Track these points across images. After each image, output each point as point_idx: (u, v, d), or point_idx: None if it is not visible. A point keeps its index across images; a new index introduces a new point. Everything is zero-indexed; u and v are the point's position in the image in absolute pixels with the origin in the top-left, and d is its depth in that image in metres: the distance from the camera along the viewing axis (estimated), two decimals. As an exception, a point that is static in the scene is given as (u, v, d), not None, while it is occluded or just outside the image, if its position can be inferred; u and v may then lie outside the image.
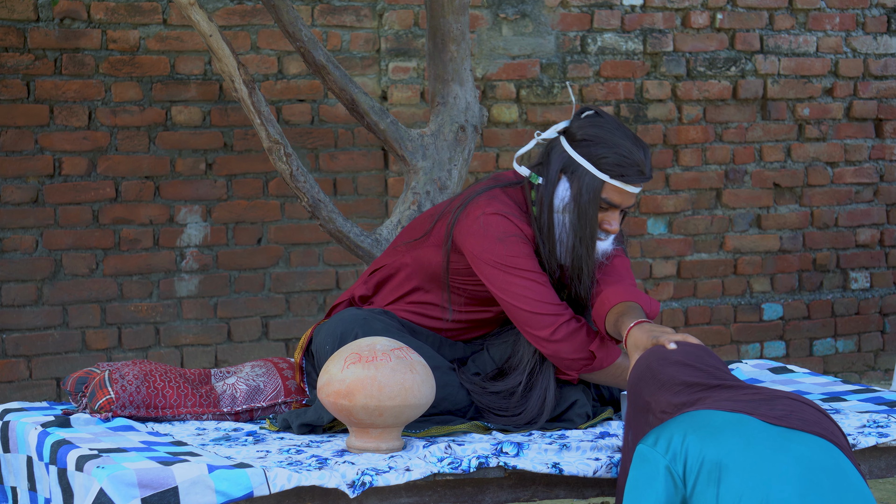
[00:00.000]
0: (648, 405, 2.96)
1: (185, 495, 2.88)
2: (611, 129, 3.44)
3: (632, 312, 3.36)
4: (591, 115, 3.49)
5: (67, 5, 5.67)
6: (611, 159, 3.41)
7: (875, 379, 6.94)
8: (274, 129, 4.52)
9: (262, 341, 6.00)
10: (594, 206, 3.43)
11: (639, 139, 3.47)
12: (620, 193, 3.43)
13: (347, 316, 3.52)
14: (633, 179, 3.42)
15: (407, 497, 3.10)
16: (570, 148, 3.46)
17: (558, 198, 3.46)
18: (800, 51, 6.83)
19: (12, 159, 5.63)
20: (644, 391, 2.99)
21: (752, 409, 2.82)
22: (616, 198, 3.43)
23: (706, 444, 2.74)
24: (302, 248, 6.05)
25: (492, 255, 3.46)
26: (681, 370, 2.97)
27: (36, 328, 5.70)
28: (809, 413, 2.85)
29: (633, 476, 2.81)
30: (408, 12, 6.16)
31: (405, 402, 3.17)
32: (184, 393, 3.56)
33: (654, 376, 2.98)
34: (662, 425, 2.84)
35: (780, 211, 6.85)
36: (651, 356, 3.05)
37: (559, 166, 3.47)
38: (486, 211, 3.47)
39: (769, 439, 2.76)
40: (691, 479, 2.73)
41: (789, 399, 2.88)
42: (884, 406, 3.66)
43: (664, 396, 2.94)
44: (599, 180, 3.42)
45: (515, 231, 3.46)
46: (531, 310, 3.43)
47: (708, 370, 2.98)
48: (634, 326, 3.25)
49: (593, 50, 6.48)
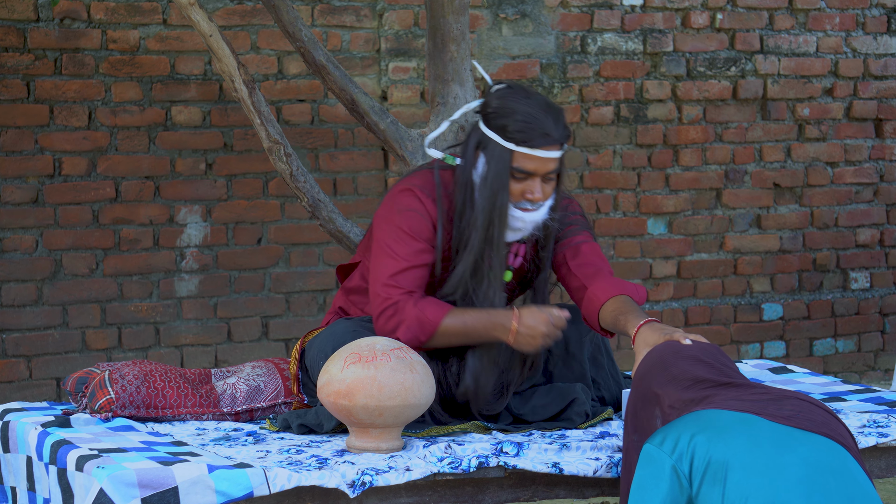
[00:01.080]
0: (657, 397, 2.96)
1: (185, 495, 2.88)
2: (517, 98, 3.44)
3: (630, 309, 3.36)
4: (502, 88, 3.50)
5: (67, 5, 5.66)
6: (515, 127, 3.41)
7: (875, 379, 6.94)
8: (274, 129, 4.52)
9: (262, 341, 6.00)
10: (504, 176, 3.42)
11: (550, 104, 3.45)
12: (531, 160, 3.42)
13: (338, 329, 3.52)
14: (539, 143, 3.40)
15: (407, 497, 3.10)
16: (483, 125, 3.48)
17: (477, 175, 3.48)
18: (800, 51, 6.83)
19: (12, 159, 5.63)
20: (654, 382, 2.99)
21: (760, 409, 2.82)
22: (528, 165, 3.42)
23: (713, 444, 2.74)
24: (302, 248, 6.05)
25: (380, 227, 3.50)
26: (694, 365, 2.97)
27: (36, 328, 5.70)
28: (818, 414, 2.85)
29: (640, 475, 2.81)
30: (408, 12, 6.16)
31: (405, 401, 3.17)
32: (184, 393, 3.56)
33: (666, 369, 2.98)
34: (669, 424, 2.84)
35: (780, 211, 6.85)
36: (665, 349, 3.05)
37: (475, 144, 3.48)
38: (398, 188, 3.53)
39: (776, 440, 2.75)
40: (697, 478, 2.74)
41: (798, 399, 2.88)
42: (884, 406, 3.66)
43: (674, 390, 2.94)
44: (508, 150, 3.42)
45: (417, 207, 3.48)
46: (372, 289, 3.46)
47: (720, 367, 2.98)
48: (644, 325, 3.25)
49: (593, 50, 6.48)
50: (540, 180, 3.44)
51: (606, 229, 6.52)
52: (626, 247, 6.58)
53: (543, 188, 3.45)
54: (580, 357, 3.66)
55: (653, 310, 6.61)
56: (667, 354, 3.02)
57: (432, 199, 3.50)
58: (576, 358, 3.66)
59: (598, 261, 3.57)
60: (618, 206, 6.55)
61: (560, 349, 3.65)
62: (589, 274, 3.52)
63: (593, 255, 3.58)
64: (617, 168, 6.54)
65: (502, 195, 3.42)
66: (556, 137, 3.42)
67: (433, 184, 3.52)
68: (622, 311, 3.36)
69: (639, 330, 3.25)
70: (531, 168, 3.42)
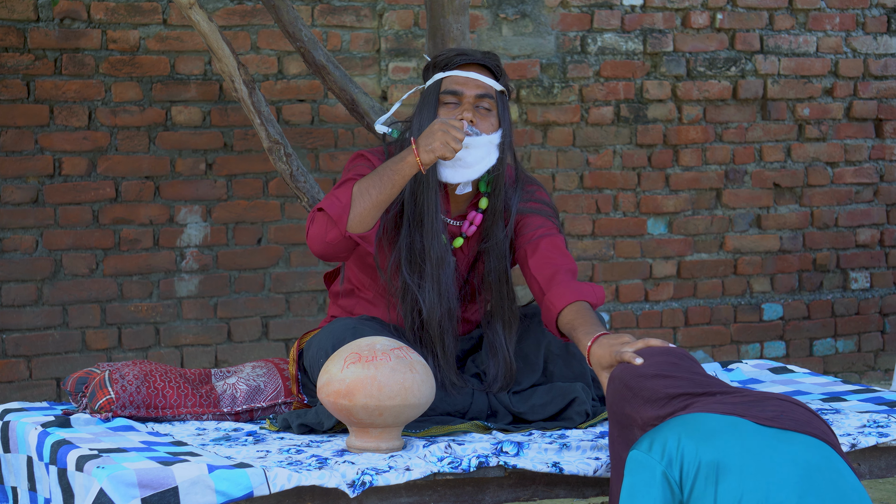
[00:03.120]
0: (633, 420, 2.93)
1: (185, 495, 2.88)
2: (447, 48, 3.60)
3: (584, 320, 3.32)
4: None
5: (67, 5, 5.67)
6: (439, 61, 3.57)
7: (875, 379, 6.95)
8: (274, 129, 4.52)
9: (262, 341, 6.00)
10: (433, 99, 3.53)
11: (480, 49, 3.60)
12: (455, 81, 3.52)
13: (337, 327, 3.51)
14: (456, 62, 3.54)
15: (407, 497, 3.10)
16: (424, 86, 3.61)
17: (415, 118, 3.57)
18: (800, 51, 6.83)
19: (12, 159, 5.63)
20: (626, 407, 2.95)
21: (744, 412, 2.81)
22: (452, 86, 3.53)
23: (702, 447, 2.73)
24: (302, 248, 6.05)
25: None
26: (660, 383, 2.92)
27: (36, 328, 5.70)
28: (800, 413, 2.85)
29: (629, 482, 2.78)
30: (408, 12, 6.16)
31: (405, 401, 3.17)
32: (184, 393, 3.56)
33: (635, 394, 2.94)
34: (655, 429, 2.82)
35: (780, 211, 6.85)
36: (624, 373, 2.99)
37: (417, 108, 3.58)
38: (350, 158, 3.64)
39: (764, 441, 2.75)
40: (688, 482, 2.72)
41: (779, 400, 2.88)
42: (884, 406, 3.66)
43: (649, 411, 2.90)
44: (437, 81, 3.55)
45: (364, 161, 3.56)
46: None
47: (688, 378, 2.94)
48: (593, 345, 3.20)
49: (593, 50, 6.48)
50: (472, 107, 3.51)
51: (606, 229, 6.53)
52: (626, 247, 6.58)
53: (476, 115, 3.51)
54: (580, 356, 3.66)
55: (653, 310, 6.62)
56: (628, 379, 2.97)
57: (378, 155, 3.59)
58: (576, 357, 3.65)
59: (558, 257, 3.53)
60: (618, 206, 6.55)
61: (560, 349, 3.65)
62: (547, 276, 3.48)
63: (553, 250, 3.54)
64: (617, 168, 6.55)
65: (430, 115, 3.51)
66: (477, 59, 3.54)
67: (381, 150, 3.62)
68: (574, 326, 3.32)
69: (590, 350, 3.21)
70: (458, 87, 3.52)
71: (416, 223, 3.51)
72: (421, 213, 3.50)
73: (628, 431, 2.94)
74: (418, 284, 3.50)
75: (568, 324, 3.36)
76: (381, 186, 3.41)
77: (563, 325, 3.39)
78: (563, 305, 3.39)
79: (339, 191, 3.44)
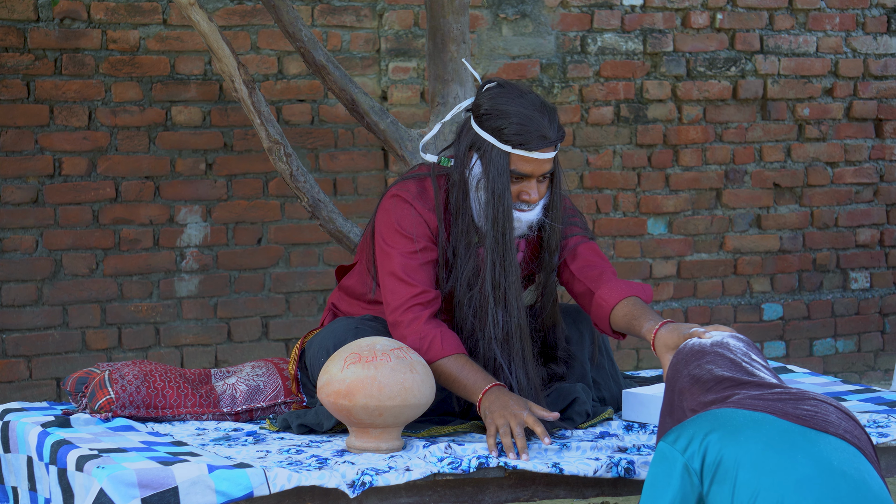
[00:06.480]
0: (683, 399, 2.97)
1: (185, 495, 2.88)
2: (511, 97, 3.41)
3: (642, 312, 3.37)
4: (493, 86, 3.47)
5: (67, 5, 5.67)
6: (511, 129, 3.38)
7: (875, 379, 6.94)
8: (274, 129, 4.52)
9: (262, 341, 6.00)
10: (504, 179, 3.39)
11: (544, 103, 3.43)
12: (528, 162, 3.40)
13: (339, 326, 3.51)
14: (536, 145, 3.38)
15: (407, 497, 3.10)
16: (475, 124, 3.45)
17: (472, 177, 3.45)
18: (800, 51, 6.83)
19: (12, 159, 5.63)
20: (678, 385, 2.99)
21: (776, 409, 2.82)
22: (525, 167, 3.40)
23: (725, 443, 2.75)
24: (302, 248, 6.05)
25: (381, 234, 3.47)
26: (716, 362, 2.97)
27: (36, 328, 5.70)
28: (835, 415, 2.84)
29: (652, 472, 2.82)
30: (408, 12, 6.16)
31: (405, 402, 3.17)
32: (184, 393, 3.56)
33: (689, 370, 2.99)
34: (684, 423, 2.85)
35: (780, 211, 6.85)
36: (687, 351, 3.04)
37: (468, 144, 3.45)
38: (392, 193, 3.50)
39: (789, 440, 2.75)
40: (708, 476, 2.74)
41: (816, 400, 2.87)
42: (884, 406, 3.67)
43: (697, 392, 2.94)
44: (504, 153, 3.39)
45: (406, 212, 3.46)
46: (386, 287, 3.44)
47: (742, 363, 2.97)
48: (661, 329, 3.25)
49: (593, 50, 6.48)
50: (535, 181, 3.44)
51: (606, 229, 6.53)
52: (626, 247, 6.58)
53: (538, 188, 3.45)
54: (580, 357, 3.66)
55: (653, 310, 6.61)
56: (689, 356, 3.02)
57: (429, 209, 3.48)
58: (576, 358, 3.66)
59: (599, 261, 3.56)
60: (618, 206, 6.55)
61: (562, 351, 3.65)
62: (593, 277, 3.51)
63: (593, 255, 3.57)
64: (617, 168, 6.55)
65: (506, 198, 3.40)
66: (553, 139, 3.40)
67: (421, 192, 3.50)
68: (635, 316, 3.36)
69: (657, 334, 3.25)
70: (528, 170, 3.41)
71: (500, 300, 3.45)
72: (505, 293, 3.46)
73: (679, 412, 2.97)
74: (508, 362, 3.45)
75: (624, 317, 3.39)
76: (449, 387, 3.40)
77: (617, 319, 3.41)
78: (617, 301, 3.43)
79: (417, 338, 3.38)
